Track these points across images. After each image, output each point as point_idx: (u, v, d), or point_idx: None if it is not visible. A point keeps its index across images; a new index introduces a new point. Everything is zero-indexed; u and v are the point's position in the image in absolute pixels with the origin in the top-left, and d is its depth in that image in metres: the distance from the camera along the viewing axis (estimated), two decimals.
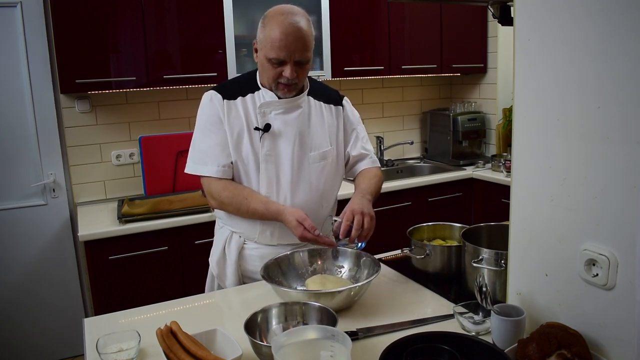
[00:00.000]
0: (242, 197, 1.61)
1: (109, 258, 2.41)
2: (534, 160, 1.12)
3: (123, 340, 1.21)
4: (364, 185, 1.71)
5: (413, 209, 3.18)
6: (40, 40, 2.72)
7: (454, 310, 1.32)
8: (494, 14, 1.66)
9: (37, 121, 2.77)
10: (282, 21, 1.52)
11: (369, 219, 1.55)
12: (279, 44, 1.52)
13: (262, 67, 1.62)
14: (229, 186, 1.63)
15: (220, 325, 1.24)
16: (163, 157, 2.88)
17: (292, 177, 1.66)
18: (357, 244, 1.56)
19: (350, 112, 1.82)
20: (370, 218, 1.55)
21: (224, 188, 1.62)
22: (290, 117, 1.66)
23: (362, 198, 1.62)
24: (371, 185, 1.72)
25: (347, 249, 1.60)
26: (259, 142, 1.64)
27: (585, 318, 1.04)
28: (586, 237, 1.03)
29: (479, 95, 3.78)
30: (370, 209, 1.59)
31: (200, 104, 1.69)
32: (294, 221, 1.53)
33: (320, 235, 1.52)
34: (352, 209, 1.56)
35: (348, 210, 1.56)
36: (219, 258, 1.74)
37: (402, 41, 3.32)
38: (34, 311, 2.87)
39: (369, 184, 1.72)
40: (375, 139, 3.59)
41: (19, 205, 2.81)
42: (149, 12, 2.61)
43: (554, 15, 1.04)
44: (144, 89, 2.73)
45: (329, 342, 1.02)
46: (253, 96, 1.66)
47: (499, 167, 3.29)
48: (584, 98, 1.00)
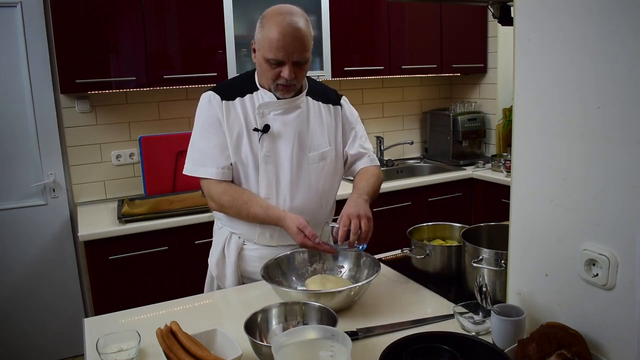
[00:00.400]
0: (242, 201, 1.60)
1: (109, 258, 2.41)
2: (534, 160, 1.12)
3: (123, 340, 1.21)
4: (360, 185, 1.70)
5: (413, 209, 3.18)
6: (40, 40, 2.72)
7: (454, 310, 1.32)
8: (494, 14, 1.66)
9: (37, 121, 2.77)
10: (280, 21, 1.51)
11: (365, 221, 1.52)
12: (277, 45, 1.51)
13: (260, 68, 1.62)
14: (229, 190, 1.62)
15: (220, 325, 1.24)
16: (163, 157, 2.88)
17: (291, 178, 1.66)
18: (358, 246, 1.55)
19: (348, 111, 1.81)
20: (367, 220, 1.53)
21: (224, 192, 1.62)
22: (289, 118, 1.66)
23: (358, 199, 1.60)
24: (369, 185, 1.70)
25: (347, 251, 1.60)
26: (258, 143, 1.64)
27: (585, 318, 1.04)
28: (586, 237, 1.03)
29: (479, 95, 3.78)
30: (367, 210, 1.56)
31: (198, 105, 1.68)
32: (294, 228, 1.52)
33: (320, 242, 1.51)
34: (348, 214, 1.53)
35: (344, 215, 1.54)
36: (218, 259, 1.74)
37: (402, 41, 3.32)
38: (34, 311, 2.87)
39: (367, 184, 1.70)
40: (375, 139, 3.59)
41: (19, 205, 2.81)
42: (149, 12, 2.61)
43: (554, 15, 1.04)
44: (144, 89, 2.73)
45: (329, 342, 1.02)
46: (252, 97, 1.66)
47: (499, 167, 3.29)
48: (584, 98, 1.00)
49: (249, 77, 1.70)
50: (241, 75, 1.77)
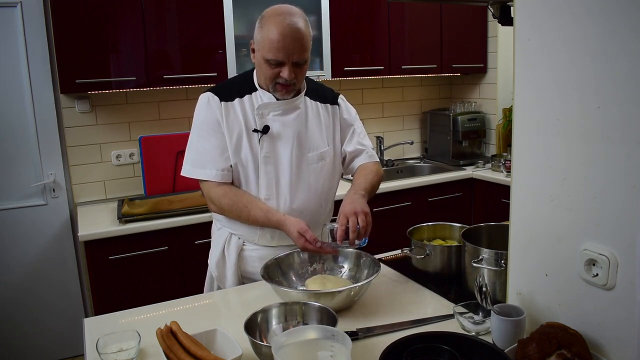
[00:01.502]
0: (242, 204, 1.60)
1: (109, 258, 2.41)
2: (534, 160, 1.12)
3: (123, 340, 1.21)
4: (358, 182, 1.68)
5: (413, 209, 3.18)
6: (40, 40, 2.72)
7: (454, 310, 1.32)
8: (494, 14, 1.66)
9: (37, 121, 2.77)
10: (280, 22, 1.51)
11: (363, 216, 1.51)
12: (277, 45, 1.51)
13: (259, 68, 1.61)
14: (229, 193, 1.61)
15: (220, 325, 1.24)
16: (163, 157, 2.88)
17: (291, 179, 1.65)
18: (359, 243, 1.54)
19: (345, 109, 1.81)
20: (364, 215, 1.51)
21: (224, 194, 1.61)
22: (289, 119, 1.66)
23: (354, 195, 1.59)
24: (366, 181, 1.68)
25: (347, 250, 1.60)
26: (258, 144, 1.63)
27: (585, 318, 1.04)
28: (586, 237, 1.03)
29: (479, 95, 3.78)
30: (364, 205, 1.55)
31: (196, 106, 1.67)
32: (295, 233, 1.52)
33: (321, 245, 1.51)
34: (345, 212, 1.53)
35: (341, 214, 1.54)
36: (218, 260, 1.73)
37: (402, 41, 3.32)
38: (34, 311, 2.87)
39: (364, 180, 1.69)
40: (375, 139, 3.59)
41: (19, 205, 2.81)
42: (149, 12, 2.61)
43: (554, 15, 1.04)
44: (144, 89, 2.73)
45: (329, 342, 1.02)
46: (250, 97, 1.65)
47: (499, 167, 3.29)
48: (584, 98, 1.00)
49: (247, 78, 1.70)
50: (239, 76, 1.77)
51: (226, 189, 1.62)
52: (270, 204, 1.64)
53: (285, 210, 1.64)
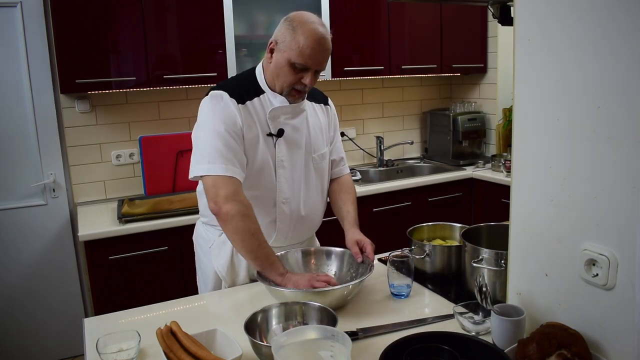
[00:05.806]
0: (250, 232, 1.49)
1: (109, 258, 2.41)
2: (534, 160, 1.12)
3: (123, 340, 1.21)
4: (351, 216, 1.74)
5: (413, 209, 3.18)
6: (40, 40, 2.72)
7: (454, 310, 1.32)
8: (494, 14, 1.66)
9: (37, 121, 2.77)
10: (313, 30, 1.51)
11: (369, 245, 1.61)
12: (309, 52, 1.51)
13: (279, 70, 1.56)
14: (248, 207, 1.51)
15: (220, 325, 1.24)
16: (163, 157, 2.88)
17: (305, 180, 1.69)
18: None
19: (334, 111, 1.87)
20: (369, 244, 1.61)
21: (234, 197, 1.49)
22: (297, 122, 1.67)
23: (355, 230, 1.68)
24: (354, 210, 1.76)
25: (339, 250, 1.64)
26: (273, 148, 1.63)
27: (585, 318, 1.04)
28: (586, 237, 1.03)
29: (479, 95, 3.78)
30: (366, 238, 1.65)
31: (207, 104, 1.58)
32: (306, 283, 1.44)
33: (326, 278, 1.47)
34: (355, 240, 1.63)
35: (350, 243, 1.63)
36: (228, 266, 1.68)
37: (402, 41, 3.32)
38: (34, 311, 2.87)
39: (353, 210, 1.76)
40: (375, 139, 3.59)
41: (19, 205, 2.80)
42: (149, 12, 2.61)
43: (554, 15, 1.04)
44: (144, 89, 2.73)
45: (329, 342, 1.02)
46: (260, 100, 1.62)
47: (499, 167, 3.28)
48: (584, 98, 1.00)
49: (250, 79, 1.65)
50: (241, 76, 1.71)
51: (245, 200, 1.51)
52: (287, 207, 1.65)
53: (299, 211, 1.67)
